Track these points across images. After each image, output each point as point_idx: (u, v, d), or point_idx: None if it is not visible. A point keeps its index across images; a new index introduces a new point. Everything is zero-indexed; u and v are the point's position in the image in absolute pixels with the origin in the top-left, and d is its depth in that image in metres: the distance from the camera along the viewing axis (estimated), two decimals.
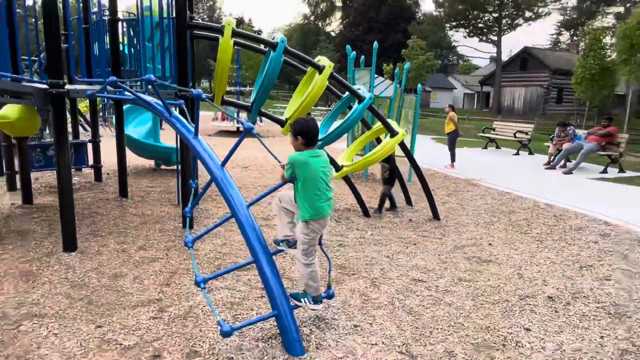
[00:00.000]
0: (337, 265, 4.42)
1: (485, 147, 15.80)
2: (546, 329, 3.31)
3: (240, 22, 62.30)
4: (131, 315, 3.27)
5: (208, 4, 64.65)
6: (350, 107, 6.09)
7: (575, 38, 45.42)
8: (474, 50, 57.42)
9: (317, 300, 3.15)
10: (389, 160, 6.44)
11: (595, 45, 18.87)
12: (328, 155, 6.16)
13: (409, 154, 6.71)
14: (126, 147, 7.58)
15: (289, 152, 3.09)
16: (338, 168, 6.34)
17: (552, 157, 11.78)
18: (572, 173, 10.67)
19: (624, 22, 16.52)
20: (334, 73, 5.68)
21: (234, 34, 5.16)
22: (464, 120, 33.02)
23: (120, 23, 6.50)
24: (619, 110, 29.23)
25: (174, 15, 5.34)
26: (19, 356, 2.72)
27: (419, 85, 10.09)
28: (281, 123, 5.91)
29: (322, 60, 5.65)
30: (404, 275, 4.25)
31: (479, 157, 13.37)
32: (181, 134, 3.66)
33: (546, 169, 11.36)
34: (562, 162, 11.43)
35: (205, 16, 62.98)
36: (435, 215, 6.34)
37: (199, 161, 3.48)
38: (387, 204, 6.62)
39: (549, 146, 12.41)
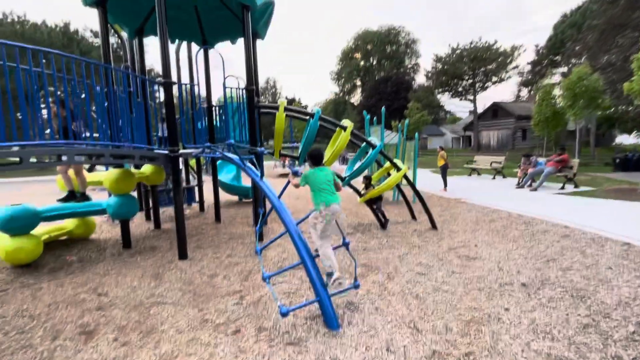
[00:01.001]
0: (362, 264, 4.31)
1: (470, 175, 15.10)
2: (521, 308, 3.05)
3: (292, 100, 64.54)
4: (221, 302, 3.33)
5: (272, 91, 67.97)
6: (367, 153, 6.10)
7: (532, 92, 43.49)
8: (456, 106, 56.22)
9: (329, 274, 3.03)
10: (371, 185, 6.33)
11: (546, 96, 18.00)
12: (353, 186, 6.23)
13: (411, 183, 6.54)
14: (220, 188, 7.91)
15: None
16: (360, 195, 6.31)
17: (520, 180, 11.09)
18: (537, 190, 9.96)
19: (567, 78, 15.75)
20: (354, 130, 5.75)
21: (286, 109, 5.40)
22: (453, 156, 31.97)
23: (214, 108, 6.90)
24: (571, 142, 27.35)
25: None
26: (149, 330, 2.83)
27: (416, 134, 9.95)
28: None
29: (346, 122, 5.74)
30: (411, 270, 4.07)
31: (465, 183, 12.78)
32: (251, 177, 3.81)
33: (516, 188, 10.67)
34: (529, 182, 10.71)
35: (270, 97, 65.92)
36: (433, 226, 6.07)
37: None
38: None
39: (517, 171, 11.75)
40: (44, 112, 4.06)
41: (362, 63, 56.81)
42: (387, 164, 6.27)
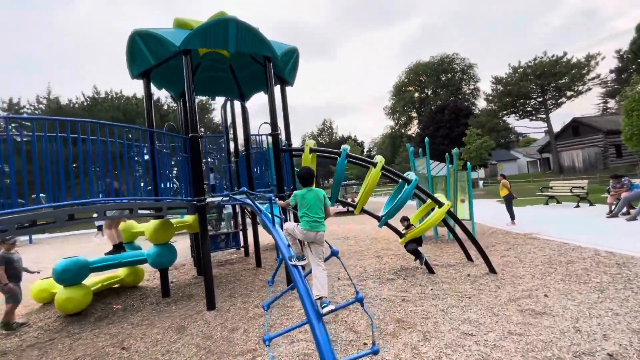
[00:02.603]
0: (396, 319, 3.72)
1: (547, 204, 13.06)
2: None
3: (347, 138, 65.71)
4: None
5: (328, 132, 70.65)
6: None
7: (619, 103, 37.73)
8: (529, 127, 50.79)
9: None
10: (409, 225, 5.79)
11: (636, 106, 15.19)
12: (392, 226, 5.72)
13: (457, 219, 5.72)
14: (265, 230, 7.83)
15: (359, 225, 2.84)
16: (401, 236, 5.74)
17: (612, 207, 9.16)
18: (637, 219, 8.06)
19: None
20: (385, 166, 5.40)
21: (312, 150, 5.32)
22: (528, 182, 28.56)
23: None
24: None
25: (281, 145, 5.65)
26: None
27: (469, 164, 9.04)
28: (353, 206, 5.69)
29: (377, 157, 5.43)
30: (455, 328, 3.38)
31: (540, 213, 11.02)
32: (264, 223, 3.68)
33: (607, 217, 8.79)
34: (625, 209, 8.79)
35: (327, 137, 68.35)
36: (491, 269, 5.15)
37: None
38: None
39: (607, 197, 9.79)
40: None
41: (416, 95, 56.24)
42: (429, 200, 5.67)
